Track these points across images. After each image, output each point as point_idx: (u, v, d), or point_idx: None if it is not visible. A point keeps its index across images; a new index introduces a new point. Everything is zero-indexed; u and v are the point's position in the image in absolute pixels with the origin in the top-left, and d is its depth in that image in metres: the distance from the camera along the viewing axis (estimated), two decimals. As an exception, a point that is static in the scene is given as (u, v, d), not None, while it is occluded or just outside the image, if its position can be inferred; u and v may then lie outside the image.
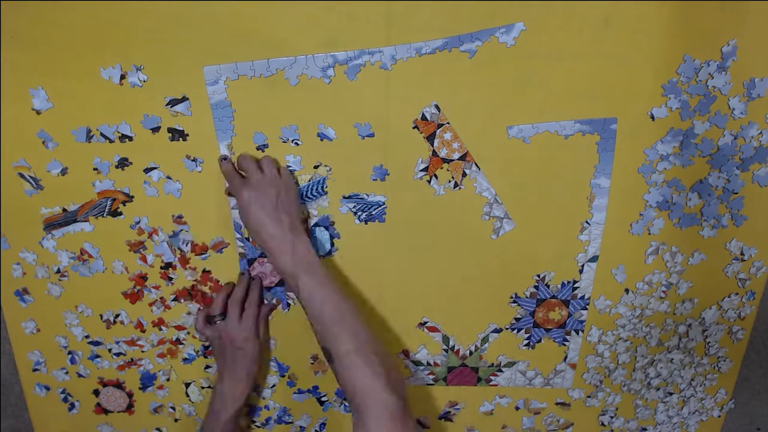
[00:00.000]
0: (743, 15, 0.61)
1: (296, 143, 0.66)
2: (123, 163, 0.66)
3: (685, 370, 0.80)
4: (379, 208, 0.69)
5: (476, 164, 0.66)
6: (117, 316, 0.74)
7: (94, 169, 0.66)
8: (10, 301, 0.73)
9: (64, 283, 0.72)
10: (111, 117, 0.64)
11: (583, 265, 0.72)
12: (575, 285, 0.73)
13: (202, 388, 0.78)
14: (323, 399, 0.80)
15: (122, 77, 0.62)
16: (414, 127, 0.65)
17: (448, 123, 0.65)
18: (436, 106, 0.64)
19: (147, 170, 0.67)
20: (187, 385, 0.78)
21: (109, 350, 0.76)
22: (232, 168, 0.64)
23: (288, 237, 0.61)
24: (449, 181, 0.67)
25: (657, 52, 0.62)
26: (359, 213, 0.69)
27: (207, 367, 0.77)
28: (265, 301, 0.73)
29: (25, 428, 0.81)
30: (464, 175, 0.67)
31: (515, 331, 0.76)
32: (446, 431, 0.83)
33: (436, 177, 0.67)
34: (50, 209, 0.68)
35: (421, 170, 0.67)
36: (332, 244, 0.70)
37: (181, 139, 0.65)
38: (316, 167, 0.67)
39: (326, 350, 0.59)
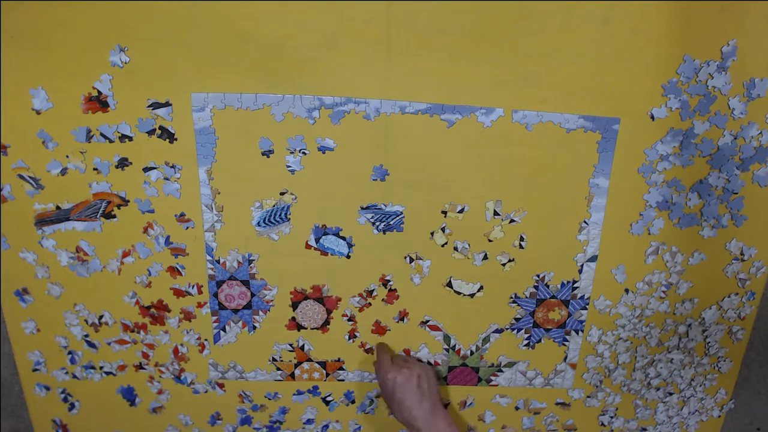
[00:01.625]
0: (743, 15, 0.61)
1: (303, 153, 0.66)
2: (123, 163, 0.66)
3: (685, 370, 0.80)
4: (397, 218, 0.69)
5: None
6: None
7: (94, 169, 0.66)
8: (10, 301, 0.73)
9: (63, 283, 0.72)
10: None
11: (582, 265, 0.72)
12: (575, 285, 0.73)
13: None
14: (329, 399, 0.80)
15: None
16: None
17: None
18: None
19: (146, 170, 0.67)
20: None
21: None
22: (386, 348, 0.74)
23: (429, 420, 0.65)
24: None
25: (657, 52, 0.62)
26: (377, 223, 0.69)
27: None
28: None
29: (25, 428, 0.81)
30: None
31: (515, 331, 0.76)
32: (446, 431, 0.83)
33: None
34: (43, 205, 0.68)
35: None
36: (349, 246, 0.71)
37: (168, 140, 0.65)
38: (282, 194, 0.67)
39: None
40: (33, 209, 0.68)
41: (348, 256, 0.71)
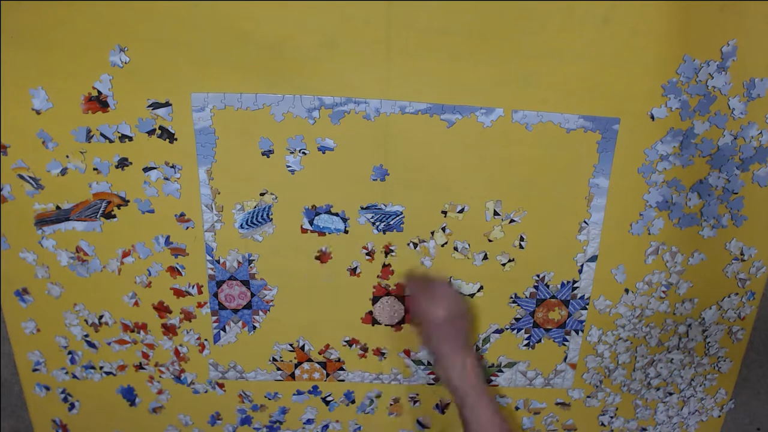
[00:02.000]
0: (743, 15, 0.61)
1: (303, 153, 0.66)
2: (123, 163, 0.66)
3: (685, 370, 0.80)
4: (397, 218, 0.69)
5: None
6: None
7: (94, 169, 0.66)
8: (10, 301, 0.73)
9: (63, 283, 0.72)
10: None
11: (582, 265, 0.72)
12: (575, 285, 0.73)
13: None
14: (329, 399, 0.80)
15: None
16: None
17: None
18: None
19: (146, 170, 0.67)
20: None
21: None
22: (417, 282, 0.69)
23: (459, 355, 0.63)
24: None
25: (657, 52, 0.62)
26: (377, 223, 0.69)
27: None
28: None
29: (25, 428, 0.81)
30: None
31: (515, 331, 0.76)
32: (447, 431, 0.83)
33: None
34: (43, 206, 0.68)
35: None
36: (344, 221, 0.70)
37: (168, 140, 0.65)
38: (262, 194, 0.67)
39: None
40: (33, 209, 0.68)
41: (346, 231, 0.70)
